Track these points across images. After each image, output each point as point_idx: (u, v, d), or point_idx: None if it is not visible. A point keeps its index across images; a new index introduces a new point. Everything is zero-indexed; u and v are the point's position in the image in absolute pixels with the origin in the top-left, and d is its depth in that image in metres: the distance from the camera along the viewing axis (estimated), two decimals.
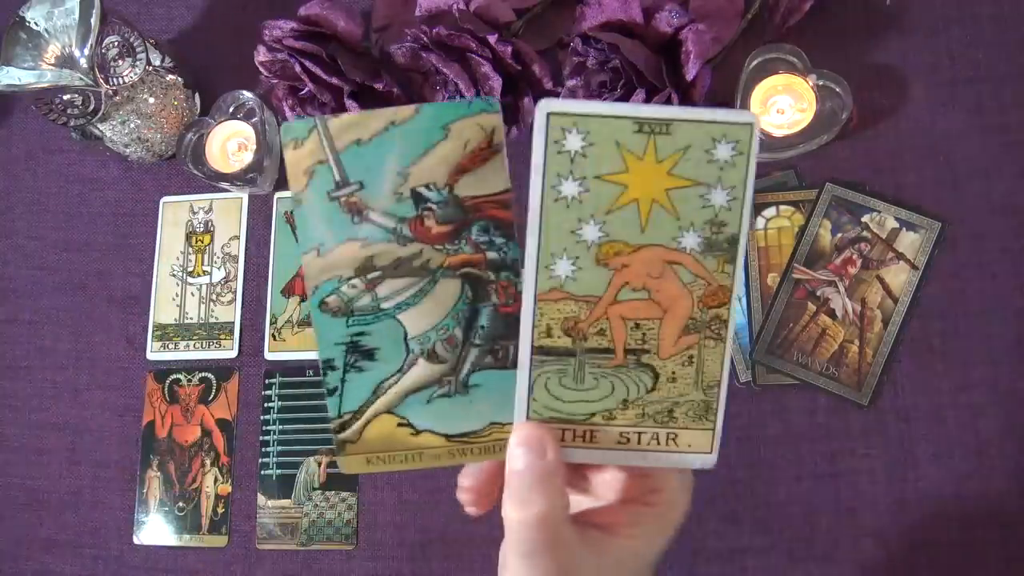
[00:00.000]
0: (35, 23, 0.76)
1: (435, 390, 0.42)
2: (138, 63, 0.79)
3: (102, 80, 0.77)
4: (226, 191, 0.85)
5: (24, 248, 0.88)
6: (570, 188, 0.39)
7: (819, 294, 0.74)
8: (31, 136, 0.91)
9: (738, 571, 0.71)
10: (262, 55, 0.78)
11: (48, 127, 0.88)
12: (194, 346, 0.82)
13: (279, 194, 0.84)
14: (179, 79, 0.84)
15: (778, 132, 0.75)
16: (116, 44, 0.78)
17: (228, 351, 0.82)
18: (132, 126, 0.82)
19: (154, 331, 0.83)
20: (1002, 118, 0.75)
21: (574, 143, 0.38)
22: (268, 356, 0.81)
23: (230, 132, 0.83)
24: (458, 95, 0.77)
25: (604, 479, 0.46)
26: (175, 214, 0.86)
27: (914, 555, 0.69)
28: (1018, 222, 0.73)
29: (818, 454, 0.72)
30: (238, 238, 0.84)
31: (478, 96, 0.75)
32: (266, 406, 0.80)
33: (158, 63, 0.83)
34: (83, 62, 0.76)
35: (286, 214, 0.83)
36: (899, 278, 0.73)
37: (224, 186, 0.83)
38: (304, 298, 0.81)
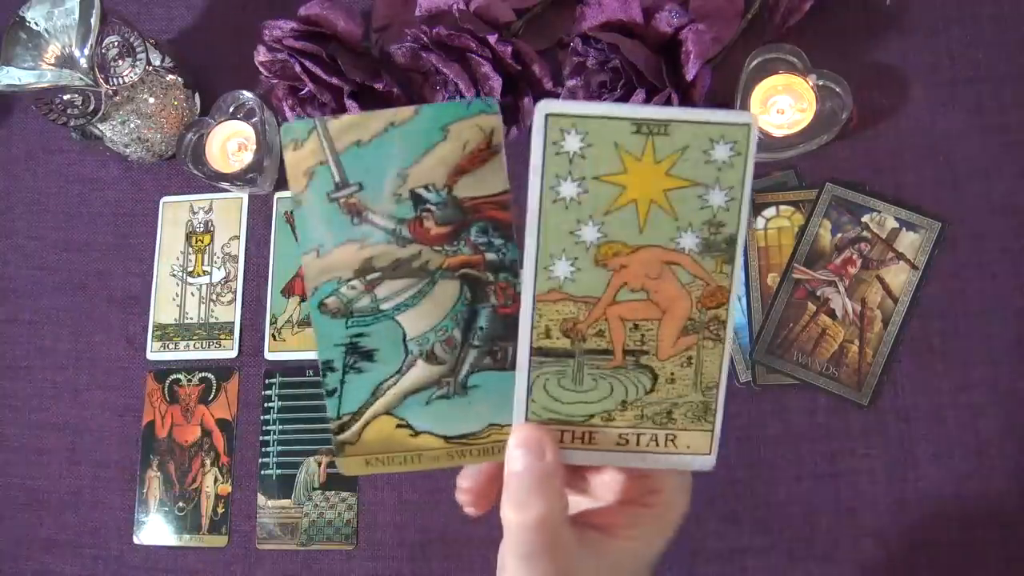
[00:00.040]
0: (35, 23, 0.76)
1: (434, 391, 0.42)
2: (138, 63, 0.79)
3: (102, 80, 0.77)
4: (226, 191, 0.85)
5: (24, 248, 0.88)
6: (569, 189, 0.39)
7: (819, 294, 0.74)
8: (31, 136, 0.91)
9: (738, 571, 0.71)
10: (262, 55, 0.78)
11: (48, 127, 0.88)
12: (194, 346, 0.82)
13: (279, 194, 0.84)
14: (179, 79, 0.84)
15: (778, 132, 0.75)
16: (116, 44, 0.78)
17: (228, 351, 0.82)
18: (132, 126, 0.82)
19: (154, 331, 0.83)
20: (1002, 118, 0.75)
21: (573, 144, 0.38)
22: (268, 356, 0.81)
23: (230, 132, 0.83)
24: (458, 95, 0.77)
25: (603, 480, 0.45)
26: (175, 214, 0.86)
27: (914, 555, 0.69)
28: (1018, 222, 0.73)
29: (818, 454, 0.72)
30: (238, 238, 0.84)
31: (478, 96, 0.75)
32: (266, 406, 0.80)
33: (158, 63, 0.83)
34: (83, 62, 0.76)
35: (286, 214, 0.83)
36: (899, 278, 0.73)
37: (224, 186, 0.83)
38: (304, 298, 0.81)
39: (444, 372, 0.42)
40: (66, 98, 0.78)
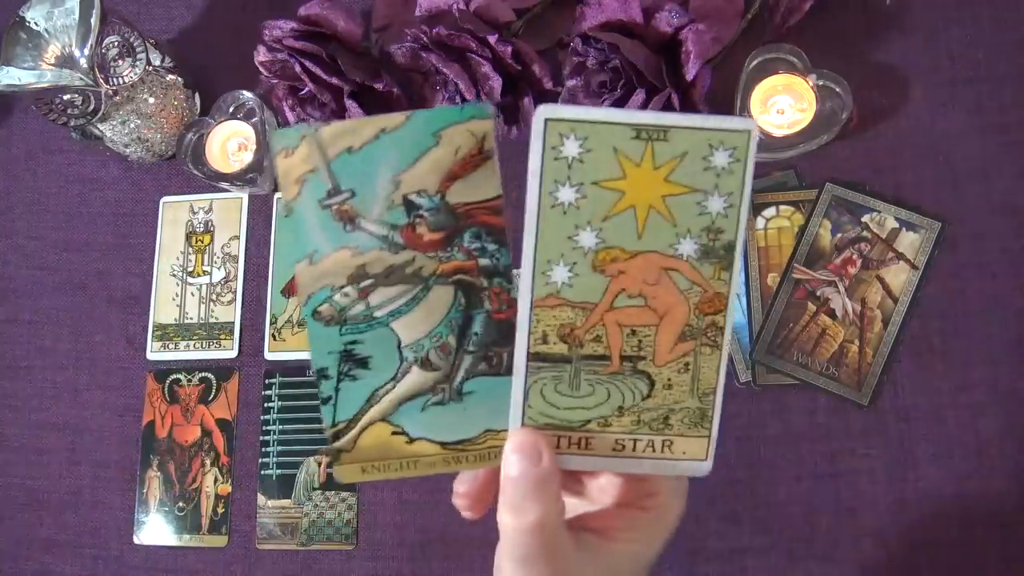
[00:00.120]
0: (35, 23, 0.76)
1: (429, 398, 0.42)
2: (138, 63, 0.79)
3: (102, 80, 0.77)
4: (226, 191, 0.85)
5: (24, 248, 0.88)
6: (567, 194, 0.39)
7: (819, 294, 0.74)
8: (31, 136, 0.91)
9: (738, 571, 0.71)
10: (262, 55, 0.78)
11: (48, 127, 0.88)
12: (194, 346, 0.82)
13: (279, 194, 0.84)
14: (179, 79, 0.84)
15: (778, 132, 0.75)
16: (116, 44, 0.78)
17: (228, 351, 0.82)
18: (132, 126, 0.82)
19: (154, 331, 0.83)
20: (1002, 118, 0.75)
21: (571, 149, 0.38)
22: (268, 356, 0.81)
23: (230, 132, 0.83)
24: (458, 95, 0.77)
25: (599, 483, 0.46)
26: (175, 214, 0.86)
27: (914, 555, 0.69)
28: (1018, 222, 0.73)
29: (818, 454, 0.72)
30: (238, 238, 0.84)
31: (478, 96, 0.75)
32: (266, 406, 0.80)
33: (158, 63, 0.83)
34: (83, 62, 0.76)
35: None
36: (899, 278, 0.73)
37: (224, 186, 0.83)
38: None
39: (439, 378, 0.42)
40: (66, 98, 0.78)
